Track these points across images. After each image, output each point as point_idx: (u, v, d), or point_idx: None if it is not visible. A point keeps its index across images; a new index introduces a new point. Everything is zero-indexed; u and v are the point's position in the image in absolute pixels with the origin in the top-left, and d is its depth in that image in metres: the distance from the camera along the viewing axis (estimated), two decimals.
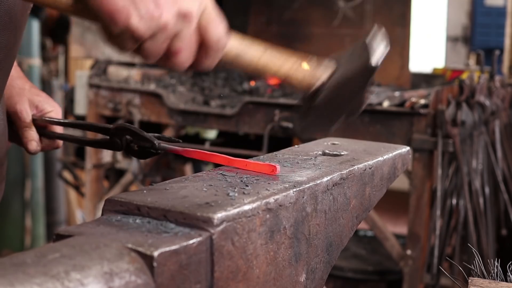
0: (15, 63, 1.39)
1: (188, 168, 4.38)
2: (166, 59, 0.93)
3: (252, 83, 3.57)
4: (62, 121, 1.37)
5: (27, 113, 1.33)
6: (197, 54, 0.95)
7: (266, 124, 3.13)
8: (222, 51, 0.97)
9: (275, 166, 1.07)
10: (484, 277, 1.16)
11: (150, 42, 0.89)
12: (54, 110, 1.37)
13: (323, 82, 1.07)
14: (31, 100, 1.36)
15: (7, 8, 1.12)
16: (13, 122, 1.34)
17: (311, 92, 1.07)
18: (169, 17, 0.88)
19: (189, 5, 0.90)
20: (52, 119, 1.35)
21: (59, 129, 1.37)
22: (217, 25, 0.94)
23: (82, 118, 3.71)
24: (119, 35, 0.88)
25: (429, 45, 6.95)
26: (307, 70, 1.07)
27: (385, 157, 1.29)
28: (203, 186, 0.99)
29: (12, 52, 1.20)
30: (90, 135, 3.17)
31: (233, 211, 0.88)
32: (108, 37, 0.90)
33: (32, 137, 1.34)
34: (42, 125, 1.36)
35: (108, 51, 3.76)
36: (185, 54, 0.93)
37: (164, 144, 1.14)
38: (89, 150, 3.71)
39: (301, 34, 4.26)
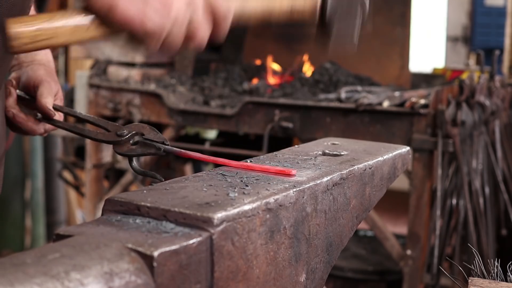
0: (50, 53, 1.40)
1: (188, 168, 4.38)
2: (186, 44, 1.02)
3: (254, 82, 3.56)
4: (77, 113, 1.37)
5: (50, 86, 1.33)
6: (211, 29, 1.03)
7: (266, 124, 3.13)
8: (230, 17, 1.04)
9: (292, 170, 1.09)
10: (484, 277, 1.15)
11: (169, 37, 0.99)
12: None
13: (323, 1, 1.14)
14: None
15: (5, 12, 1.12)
16: (36, 85, 1.32)
17: (318, 14, 1.14)
18: (178, 9, 0.97)
19: None
20: (67, 109, 1.35)
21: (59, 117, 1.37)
22: None
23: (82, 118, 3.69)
24: (141, 40, 0.98)
25: (429, 45, 6.95)
26: None
27: (385, 157, 1.29)
28: (203, 186, 0.98)
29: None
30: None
31: (233, 211, 0.88)
32: (133, 44, 1.00)
33: (50, 94, 1.33)
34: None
35: (108, 51, 3.76)
36: (201, 35, 1.01)
37: (169, 147, 1.14)
38: (89, 150, 3.71)
39: (301, 34, 4.25)
